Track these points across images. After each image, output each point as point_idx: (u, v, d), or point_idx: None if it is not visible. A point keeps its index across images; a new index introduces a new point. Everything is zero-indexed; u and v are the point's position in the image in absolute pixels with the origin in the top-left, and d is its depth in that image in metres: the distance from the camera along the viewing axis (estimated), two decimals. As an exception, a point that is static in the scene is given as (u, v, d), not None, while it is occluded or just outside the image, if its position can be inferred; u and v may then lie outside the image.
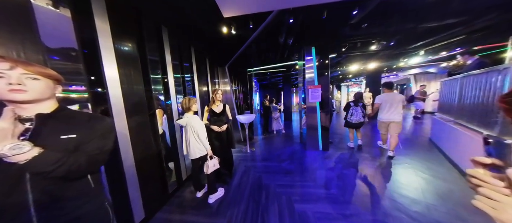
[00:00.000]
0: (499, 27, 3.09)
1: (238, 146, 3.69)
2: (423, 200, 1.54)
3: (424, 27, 2.97)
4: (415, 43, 3.88)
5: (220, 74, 4.12)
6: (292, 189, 1.87)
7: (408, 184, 1.84)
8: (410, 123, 5.34)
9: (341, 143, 3.52)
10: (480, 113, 1.79)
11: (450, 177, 1.92)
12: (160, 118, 2.00)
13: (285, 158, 2.85)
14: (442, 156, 2.50)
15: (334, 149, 3.15)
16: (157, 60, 1.86)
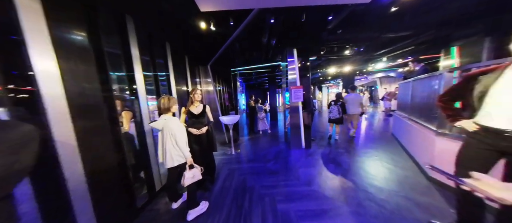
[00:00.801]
0: (436, 41, 3.88)
1: (223, 148, 3.53)
2: (387, 188, 1.75)
3: (386, 37, 3.46)
4: (380, 50, 4.48)
5: (202, 73, 3.88)
6: (276, 190, 1.87)
7: (376, 174, 2.07)
8: (378, 119, 6.15)
9: (322, 140, 3.77)
10: (426, 110, 2.16)
11: (407, 165, 2.26)
12: (127, 121, 1.73)
13: (270, 158, 2.86)
14: (401, 147, 2.93)
15: (315, 146, 3.33)
16: (119, 54, 1.59)
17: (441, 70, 2.75)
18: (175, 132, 1.34)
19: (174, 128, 1.34)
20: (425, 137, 2.01)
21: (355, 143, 3.38)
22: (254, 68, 5.30)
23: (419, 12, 2.43)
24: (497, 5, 2.27)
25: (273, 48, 3.43)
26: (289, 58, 3.09)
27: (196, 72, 3.69)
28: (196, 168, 1.43)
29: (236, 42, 2.92)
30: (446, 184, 1.59)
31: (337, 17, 2.29)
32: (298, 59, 3.14)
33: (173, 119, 1.39)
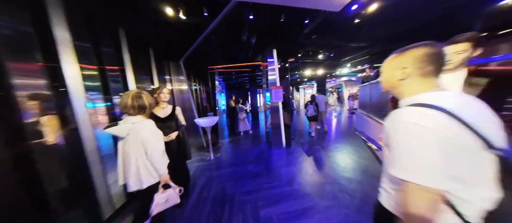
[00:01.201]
0: (384, 53, 4.84)
1: (200, 153, 3.19)
2: (354, 178, 1.96)
3: (350, 46, 4.00)
4: (345, 57, 5.16)
5: (173, 70, 3.37)
6: (259, 194, 1.78)
7: (345, 166, 2.31)
8: (345, 117, 7.13)
9: (301, 137, 3.99)
10: (380, 109, 2.60)
11: (367, 156, 2.65)
12: (53, 129, 1.23)
13: (252, 160, 2.77)
14: (362, 141, 3.44)
15: (295, 144, 3.48)
16: (30, 33, 1.10)
17: None
18: (148, 140, 0.97)
19: (147, 135, 0.97)
20: (380, 131, 2.40)
21: (327, 139, 3.76)
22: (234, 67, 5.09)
23: (374, 26, 2.90)
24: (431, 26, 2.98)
25: (253, 47, 3.35)
26: (269, 58, 3.09)
27: (165, 69, 3.17)
28: (172, 189, 1.06)
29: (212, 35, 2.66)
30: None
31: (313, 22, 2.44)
32: (278, 60, 3.19)
33: (146, 124, 1.00)
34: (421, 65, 0.44)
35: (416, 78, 0.46)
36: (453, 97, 0.43)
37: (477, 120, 0.38)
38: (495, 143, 0.37)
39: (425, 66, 0.44)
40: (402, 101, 0.50)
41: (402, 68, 0.47)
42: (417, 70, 0.45)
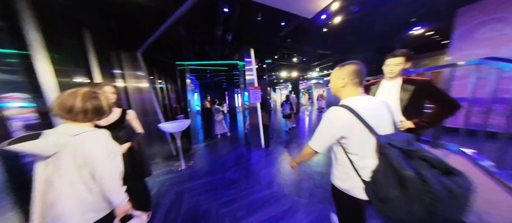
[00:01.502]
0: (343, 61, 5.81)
1: (168, 164, 2.69)
2: (326, 172, 2.18)
3: (318, 52, 4.50)
4: (314, 62, 5.80)
5: (126, 62, 2.65)
6: (238, 203, 1.65)
7: (317, 161, 2.54)
8: (315, 115, 8.02)
9: (279, 137, 4.12)
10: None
11: None
12: None
13: (230, 166, 2.59)
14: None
15: (274, 144, 3.55)
16: None
17: None
18: (100, 160, 0.65)
19: (98, 152, 0.65)
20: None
21: (301, 137, 4.06)
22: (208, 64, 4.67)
23: (337, 37, 3.36)
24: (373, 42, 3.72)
25: (229, 45, 3.15)
26: (246, 58, 2.99)
27: (114, 60, 2.45)
28: (138, 218, 0.77)
29: (180, 25, 2.28)
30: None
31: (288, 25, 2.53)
32: (255, 60, 3.14)
33: (97, 136, 0.68)
34: (353, 77, 0.65)
35: (350, 86, 0.67)
36: (363, 101, 0.65)
37: (370, 117, 0.61)
38: (376, 131, 0.59)
39: (355, 78, 0.66)
40: (340, 101, 0.70)
41: (342, 78, 0.68)
42: (351, 80, 0.66)
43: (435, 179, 0.46)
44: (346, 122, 0.61)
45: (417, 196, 0.46)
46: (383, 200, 0.54)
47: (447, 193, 0.44)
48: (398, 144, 0.54)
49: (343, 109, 0.62)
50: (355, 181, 0.64)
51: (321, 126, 0.68)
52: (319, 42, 3.68)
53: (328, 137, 0.67)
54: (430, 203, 0.45)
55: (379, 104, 0.67)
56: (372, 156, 0.61)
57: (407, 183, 0.48)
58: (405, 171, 0.48)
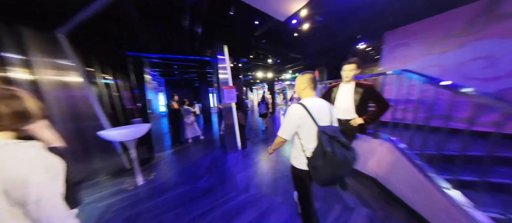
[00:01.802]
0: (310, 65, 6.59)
1: (118, 181, 2.11)
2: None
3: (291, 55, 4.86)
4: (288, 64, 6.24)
5: (35, 44, 1.81)
6: (214, 213, 1.49)
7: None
8: None
9: (256, 136, 4.14)
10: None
11: None
12: None
13: (203, 173, 2.34)
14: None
15: (251, 144, 3.52)
16: None
17: None
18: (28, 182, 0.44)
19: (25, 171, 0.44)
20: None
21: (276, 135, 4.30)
22: (174, 59, 4.06)
23: (307, 43, 3.73)
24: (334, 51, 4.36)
25: (199, 39, 2.84)
26: (219, 55, 2.80)
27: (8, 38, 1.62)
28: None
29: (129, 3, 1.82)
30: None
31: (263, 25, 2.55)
32: (230, 58, 2.99)
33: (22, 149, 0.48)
34: (310, 83, 0.91)
35: (308, 90, 0.92)
36: (314, 101, 0.90)
37: (316, 112, 0.86)
38: (317, 123, 0.85)
39: (311, 84, 0.91)
40: (300, 100, 0.93)
41: (303, 83, 0.92)
42: (308, 85, 0.91)
43: (340, 152, 0.79)
44: (301, 115, 0.86)
45: (330, 163, 0.79)
46: (314, 168, 0.84)
47: (343, 160, 0.78)
48: (328, 132, 0.82)
49: (300, 106, 0.87)
50: (302, 158, 0.91)
51: (285, 119, 0.91)
52: (291, 46, 3.97)
53: (290, 127, 0.90)
54: (335, 166, 0.78)
55: (324, 104, 0.93)
56: (314, 140, 0.86)
57: (326, 155, 0.79)
58: (326, 148, 0.78)
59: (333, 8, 2.12)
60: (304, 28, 2.49)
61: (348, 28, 2.96)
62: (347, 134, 1.59)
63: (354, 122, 1.49)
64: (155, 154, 3.14)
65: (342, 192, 1.69)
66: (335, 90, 1.63)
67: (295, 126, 0.89)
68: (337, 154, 0.77)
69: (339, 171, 0.79)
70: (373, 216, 1.36)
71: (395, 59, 2.90)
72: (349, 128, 1.55)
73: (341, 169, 0.79)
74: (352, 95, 1.47)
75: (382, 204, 1.48)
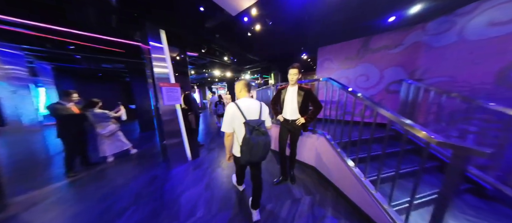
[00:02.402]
0: (268, 68, 7.13)
1: None
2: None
3: (248, 56, 4.90)
4: (245, 65, 6.29)
5: None
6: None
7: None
8: None
9: (213, 141, 3.69)
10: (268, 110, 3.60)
11: None
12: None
13: (129, 203, 1.63)
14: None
15: (205, 151, 3.06)
16: None
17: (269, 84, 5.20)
18: None
19: None
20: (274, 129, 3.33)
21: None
22: (64, 34, 2.55)
23: (260, 46, 3.89)
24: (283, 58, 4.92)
25: (119, 14, 1.98)
26: (153, 41, 2.10)
27: None
28: None
29: None
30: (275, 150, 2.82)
31: (213, 17, 2.25)
32: (173, 49, 2.37)
33: None
34: (245, 87, 1.19)
35: (243, 92, 1.20)
36: (246, 101, 1.15)
37: (246, 109, 1.11)
38: (247, 117, 1.09)
39: (245, 88, 1.20)
40: (236, 100, 1.18)
41: (240, 87, 1.20)
42: (243, 89, 1.20)
43: (256, 138, 1.05)
44: (234, 111, 1.11)
45: (250, 147, 1.05)
46: (242, 152, 1.11)
47: (257, 144, 1.05)
48: (251, 124, 1.07)
49: (233, 105, 1.13)
50: (238, 147, 1.16)
51: (224, 116, 1.13)
52: (246, 46, 3.98)
53: (228, 121, 1.12)
54: (253, 149, 1.05)
55: (254, 103, 1.17)
56: (243, 131, 1.09)
57: (247, 141, 1.05)
58: (247, 135, 1.06)
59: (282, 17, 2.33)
60: (257, 29, 2.54)
61: (294, 40, 3.45)
62: (294, 132, 1.79)
63: (299, 121, 1.67)
64: (31, 191, 1.77)
65: (291, 186, 1.86)
66: (283, 92, 1.77)
67: (230, 120, 1.12)
68: (252, 139, 1.04)
69: (254, 152, 1.06)
70: (313, 201, 1.60)
71: (324, 70, 3.80)
72: (295, 127, 1.73)
73: (256, 151, 1.06)
74: (296, 97, 1.65)
75: (319, 189, 1.80)
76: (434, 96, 1.92)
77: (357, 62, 3.23)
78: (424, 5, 1.95)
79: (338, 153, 1.68)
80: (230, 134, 1.15)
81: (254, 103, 1.15)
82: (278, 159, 2.46)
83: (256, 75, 9.12)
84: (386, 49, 2.87)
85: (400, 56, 2.70)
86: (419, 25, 2.45)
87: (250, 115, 1.11)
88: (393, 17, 2.25)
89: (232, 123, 1.11)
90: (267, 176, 2.09)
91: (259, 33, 2.79)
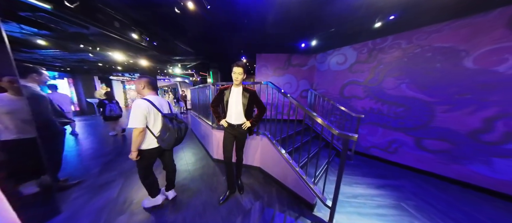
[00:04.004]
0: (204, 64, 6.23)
1: None
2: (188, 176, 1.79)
3: (178, 45, 3.76)
4: (173, 56, 4.84)
5: None
6: None
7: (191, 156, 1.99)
8: None
9: (107, 169, 2.14)
10: (205, 110, 3.03)
11: (197, 147, 3.03)
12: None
13: None
14: (196, 138, 3.72)
15: (85, 190, 1.65)
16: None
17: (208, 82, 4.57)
18: None
19: None
20: (206, 129, 2.78)
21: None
22: None
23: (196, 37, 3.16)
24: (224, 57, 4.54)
25: None
26: None
27: None
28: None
29: None
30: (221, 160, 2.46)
31: None
32: None
33: None
34: (148, 85, 1.31)
35: (147, 90, 1.31)
36: (153, 97, 1.29)
37: (158, 104, 1.29)
38: (162, 111, 1.30)
39: (149, 85, 1.32)
40: (142, 96, 1.29)
41: (142, 85, 1.30)
42: (147, 87, 1.31)
43: (177, 125, 1.31)
44: (147, 106, 1.23)
45: (172, 133, 1.27)
46: (163, 140, 1.27)
47: (179, 129, 1.32)
48: (169, 116, 1.30)
49: (145, 100, 1.23)
50: (152, 140, 1.29)
51: (134, 113, 1.19)
52: (172, 28, 3.00)
53: (140, 116, 1.19)
54: (175, 134, 1.28)
55: (162, 100, 1.37)
56: (159, 124, 1.30)
57: (169, 130, 1.27)
58: (169, 125, 1.27)
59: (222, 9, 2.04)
60: (190, 8, 1.94)
61: (235, 41, 3.34)
62: (240, 138, 1.63)
63: (245, 126, 1.52)
64: None
65: (240, 197, 1.68)
66: (227, 94, 1.51)
67: (143, 115, 1.20)
68: (175, 126, 1.30)
69: (178, 137, 1.32)
70: (262, 205, 1.56)
71: (261, 75, 4.26)
72: (241, 132, 1.56)
73: (180, 135, 1.34)
74: (241, 99, 1.49)
75: (266, 188, 1.84)
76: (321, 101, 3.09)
77: (284, 72, 4.10)
78: (317, 41, 2.98)
79: (278, 150, 1.86)
80: (143, 129, 1.20)
81: (162, 100, 1.36)
82: (224, 171, 2.15)
83: (191, 70, 7.59)
84: (299, 66, 3.99)
85: (307, 72, 3.95)
86: (313, 55, 3.79)
87: (163, 109, 1.32)
88: (303, 44, 3.16)
89: (144, 117, 1.21)
90: (207, 195, 1.68)
91: (193, 16, 2.18)
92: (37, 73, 1.55)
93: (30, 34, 3.00)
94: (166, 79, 12.10)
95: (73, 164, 2.32)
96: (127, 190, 1.73)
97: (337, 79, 3.19)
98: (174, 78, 11.12)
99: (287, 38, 2.95)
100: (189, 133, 4.22)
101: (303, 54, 3.90)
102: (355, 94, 2.93)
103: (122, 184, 1.84)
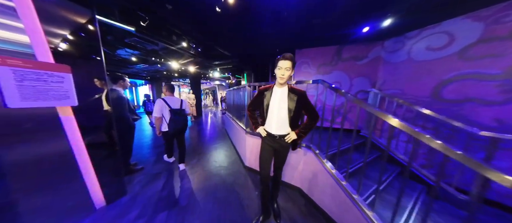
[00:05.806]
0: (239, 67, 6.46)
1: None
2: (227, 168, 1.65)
3: (217, 49, 4.04)
4: (214, 60, 5.31)
5: None
6: None
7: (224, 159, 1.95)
8: (219, 117, 7.68)
9: (158, 161, 2.48)
10: (239, 112, 2.94)
11: (229, 149, 3.05)
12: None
13: None
14: (229, 140, 3.75)
15: (142, 181, 1.93)
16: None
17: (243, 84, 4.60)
18: None
19: None
20: (240, 133, 2.65)
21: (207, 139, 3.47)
22: None
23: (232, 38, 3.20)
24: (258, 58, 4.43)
25: None
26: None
27: None
28: None
29: None
30: (254, 169, 2.24)
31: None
32: (67, 4, 1.19)
33: None
34: (166, 89, 2.09)
35: (167, 92, 2.09)
36: (169, 98, 2.05)
37: (170, 102, 2.02)
38: (171, 107, 2.01)
39: (169, 89, 2.09)
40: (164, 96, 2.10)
41: (163, 89, 2.10)
42: (166, 90, 2.09)
43: (174, 116, 1.99)
44: (162, 103, 1.96)
45: (174, 122, 1.98)
46: (169, 126, 1.97)
47: (179, 121, 2.01)
48: (174, 110, 1.99)
49: (161, 100, 1.96)
50: (166, 125, 2.01)
51: (154, 106, 1.94)
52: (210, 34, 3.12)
53: (158, 110, 1.94)
54: (176, 123, 1.99)
55: (176, 99, 2.05)
56: (168, 115, 1.99)
57: (171, 119, 1.98)
58: (171, 116, 1.98)
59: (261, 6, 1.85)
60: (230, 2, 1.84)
61: (270, 39, 3.05)
62: (281, 151, 1.23)
63: (289, 138, 1.15)
64: None
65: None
66: (268, 96, 1.19)
67: (159, 108, 1.94)
68: (177, 117, 1.97)
69: (177, 126, 1.98)
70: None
71: (301, 73, 3.67)
72: (283, 145, 1.20)
73: (179, 124, 2.00)
74: (286, 103, 1.13)
75: (308, 220, 1.38)
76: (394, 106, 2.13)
77: (331, 69, 3.29)
78: (393, 19, 2.06)
79: (333, 174, 1.33)
80: (160, 118, 1.98)
81: (176, 99, 2.04)
82: (257, 183, 1.88)
83: (226, 73, 8.18)
84: (354, 60, 3.06)
85: (366, 67, 2.94)
86: (378, 42, 2.74)
87: (174, 106, 1.99)
88: (367, 27, 2.31)
89: (160, 111, 1.96)
90: (237, 212, 1.44)
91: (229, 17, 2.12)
92: (123, 80, 1.99)
93: (130, 54, 4.29)
94: (208, 83, 14.02)
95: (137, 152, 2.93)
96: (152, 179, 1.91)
97: (427, 72, 2.02)
98: (214, 81, 12.65)
99: (337, 24, 2.26)
100: (223, 133, 4.41)
101: (361, 43, 2.94)
102: (473, 95, 1.71)
103: (148, 195, 2.05)
